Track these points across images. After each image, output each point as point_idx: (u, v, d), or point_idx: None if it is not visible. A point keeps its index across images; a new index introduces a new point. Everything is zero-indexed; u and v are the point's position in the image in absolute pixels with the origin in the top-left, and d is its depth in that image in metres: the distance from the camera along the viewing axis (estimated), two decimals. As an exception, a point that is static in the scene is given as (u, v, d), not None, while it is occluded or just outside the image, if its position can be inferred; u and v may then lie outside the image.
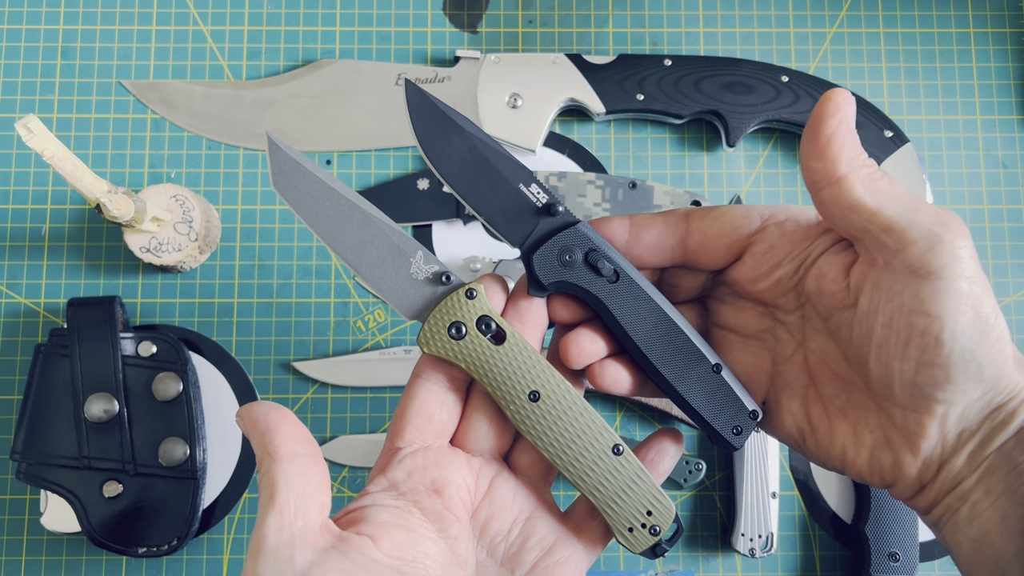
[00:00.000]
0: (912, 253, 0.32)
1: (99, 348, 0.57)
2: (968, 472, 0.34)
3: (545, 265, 0.37)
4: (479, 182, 0.37)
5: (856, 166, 0.33)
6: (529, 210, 0.37)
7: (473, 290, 0.37)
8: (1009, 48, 0.66)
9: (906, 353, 0.33)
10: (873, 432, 0.35)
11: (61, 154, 0.51)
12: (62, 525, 0.57)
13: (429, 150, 0.37)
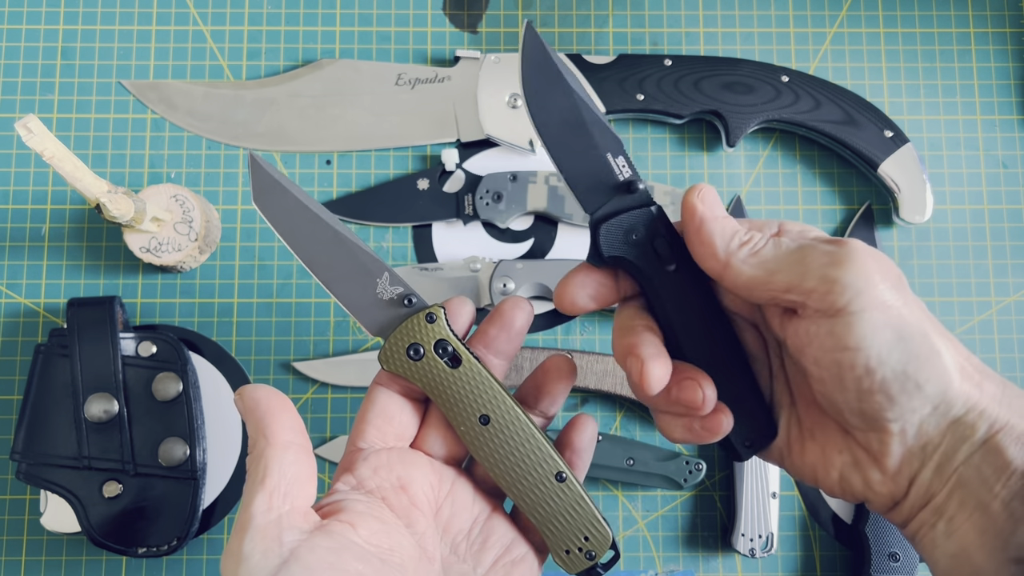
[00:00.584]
0: (814, 300, 0.33)
1: (99, 348, 0.57)
2: (939, 487, 0.35)
3: (611, 238, 0.37)
4: (570, 141, 0.37)
5: (733, 249, 0.35)
6: (610, 181, 0.37)
7: (433, 314, 0.38)
8: (1009, 48, 0.66)
9: (843, 386, 0.34)
10: (841, 453, 0.36)
11: (61, 154, 0.51)
12: (62, 525, 0.57)
13: (531, 98, 0.37)
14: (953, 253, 0.63)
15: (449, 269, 0.62)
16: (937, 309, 0.63)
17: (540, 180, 0.62)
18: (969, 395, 0.34)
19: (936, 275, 0.63)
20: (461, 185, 0.63)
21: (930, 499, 0.35)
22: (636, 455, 0.59)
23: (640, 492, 0.61)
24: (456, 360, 0.38)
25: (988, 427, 0.34)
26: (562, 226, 0.63)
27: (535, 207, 0.62)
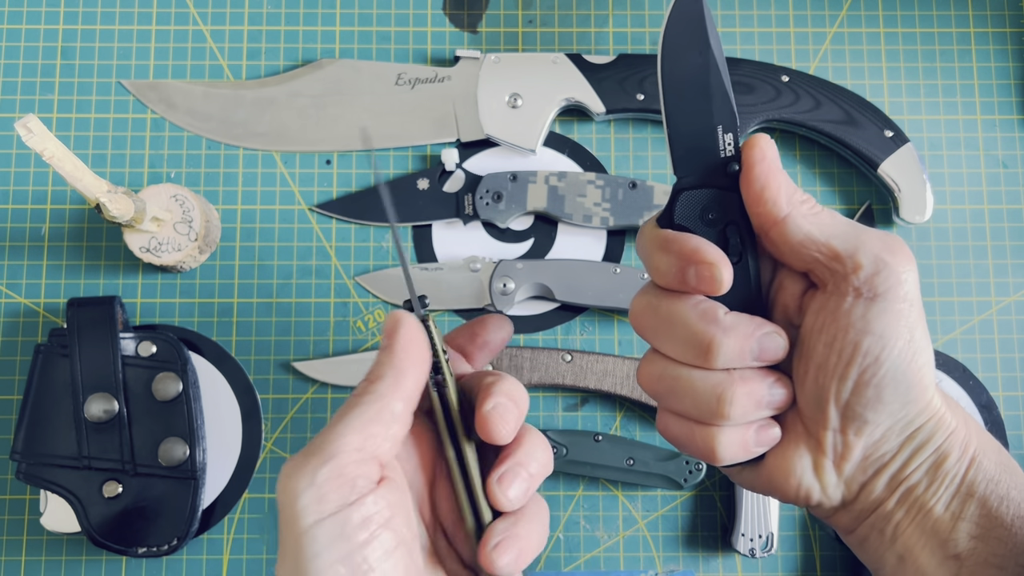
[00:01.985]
0: (861, 276, 0.34)
1: (99, 348, 0.57)
2: (887, 494, 0.36)
3: (687, 209, 0.36)
4: (688, 100, 0.36)
5: (796, 202, 0.35)
6: (710, 153, 0.36)
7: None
8: (1009, 48, 0.66)
9: (846, 372, 0.34)
10: (802, 456, 0.36)
11: (61, 154, 0.51)
12: (62, 525, 0.57)
13: (668, 44, 0.35)
14: (953, 253, 0.63)
15: (449, 269, 0.62)
16: (937, 309, 0.63)
17: (540, 180, 0.62)
18: (937, 408, 0.36)
19: (936, 275, 0.63)
20: (461, 185, 0.63)
21: (879, 505, 0.36)
22: (636, 455, 0.59)
23: (640, 492, 0.61)
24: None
25: (944, 438, 0.35)
26: (562, 226, 0.63)
27: (535, 207, 0.62)
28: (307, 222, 0.63)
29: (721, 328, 0.34)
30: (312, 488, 0.31)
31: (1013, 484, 0.35)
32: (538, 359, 0.60)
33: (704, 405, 0.35)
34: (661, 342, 0.36)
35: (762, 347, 0.35)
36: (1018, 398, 0.62)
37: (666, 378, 0.36)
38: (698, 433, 0.36)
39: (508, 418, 0.34)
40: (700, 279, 0.34)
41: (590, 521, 0.61)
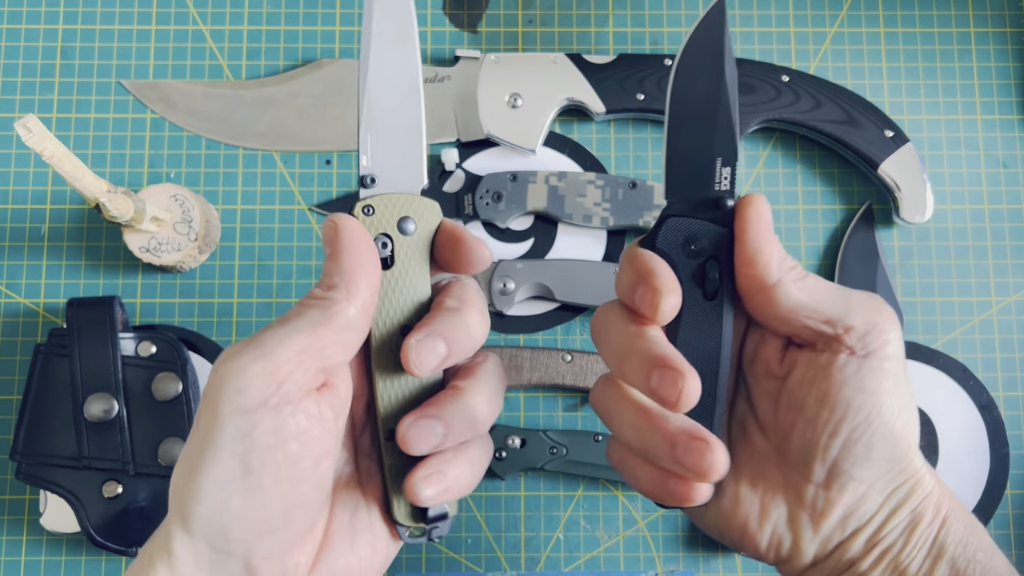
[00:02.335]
0: (853, 336, 0.34)
1: (98, 348, 0.57)
2: (863, 553, 0.36)
3: (671, 235, 0.35)
4: (692, 122, 0.35)
5: (785, 269, 0.34)
6: (705, 184, 0.36)
7: (371, 207, 0.35)
8: (1009, 48, 0.66)
9: (838, 428, 0.34)
10: (779, 507, 0.36)
11: (60, 154, 0.51)
12: (61, 525, 0.57)
13: (683, 66, 0.35)
14: (953, 253, 0.63)
15: (449, 269, 0.62)
16: (937, 309, 0.63)
17: (540, 180, 0.62)
18: (918, 467, 0.36)
19: (936, 275, 0.63)
20: (461, 185, 0.63)
21: (852, 564, 0.36)
22: (636, 455, 0.59)
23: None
24: (388, 262, 0.35)
25: (921, 499, 0.35)
26: (562, 226, 0.63)
27: (535, 207, 0.62)
28: (307, 222, 0.63)
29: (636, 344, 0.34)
30: (239, 379, 0.31)
31: (979, 546, 0.36)
32: (538, 359, 0.60)
33: (631, 433, 0.35)
34: (601, 351, 0.36)
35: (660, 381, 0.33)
36: (1018, 398, 0.62)
37: (606, 398, 0.36)
38: (628, 460, 0.36)
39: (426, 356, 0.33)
40: (643, 301, 0.34)
41: (590, 521, 0.61)
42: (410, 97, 0.36)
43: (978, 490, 0.60)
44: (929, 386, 0.61)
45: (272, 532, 0.32)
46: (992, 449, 0.61)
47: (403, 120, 0.36)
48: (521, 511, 0.61)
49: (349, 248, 0.33)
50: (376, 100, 0.36)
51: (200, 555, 0.32)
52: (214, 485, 0.31)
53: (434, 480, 0.33)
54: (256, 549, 0.32)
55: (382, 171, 0.36)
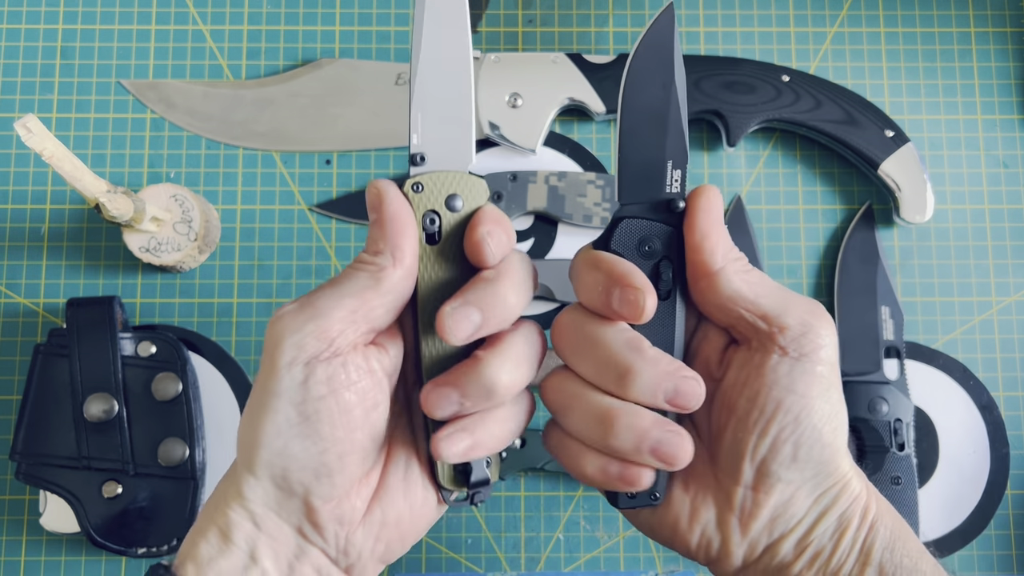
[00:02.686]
0: (787, 337, 0.34)
1: (98, 348, 0.57)
2: (794, 558, 0.36)
3: (625, 236, 0.36)
4: (644, 130, 0.36)
5: (730, 259, 0.35)
6: (656, 187, 0.36)
7: (420, 184, 0.36)
8: (1010, 48, 0.66)
9: (766, 429, 0.34)
10: (709, 508, 0.37)
11: (60, 154, 0.51)
12: (61, 525, 0.57)
13: (633, 71, 0.36)
14: (954, 253, 0.63)
15: (449, 269, 0.62)
16: (937, 309, 0.63)
17: (540, 180, 0.62)
18: (845, 471, 0.36)
19: (936, 275, 0.63)
20: (461, 185, 0.63)
21: (782, 569, 0.36)
22: (636, 455, 0.59)
23: (640, 492, 0.61)
24: (435, 238, 0.36)
25: (849, 504, 0.36)
26: (562, 226, 0.63)
27: (535, 207, 0.62)
28: (307, 222, 0.63)
29: (643, 358, 0.34)
30: (296, 335, 0.33)
31: (905, 552, 0.36)
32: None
33: (590, 424, 0.35)
34: (578, 360, 0.36)
35: (678, 389, 0.34)
36: (1018, 398, 0.62)
37: (564, 392, 0.36)
38: (572, 447, 0.36)
39: (460, 324, 0.34)
40: (623, 302, 0.34)
41: (590, 521, 0.61)
42: (460, 77, 0.36)
43: (978, 490, 0.60)
44: (929, 386, 0.61)
45: (329, 475, 0.34)
46: (992, 449, 0.61)
47: (453, 99, 0.37)
48: (521, 511, 0.61)
49: (392, 214, 0.35)
50: (427, 79, 0.36)
51: (267, 494, 0.35)
52: (275, 431, 0.34)
53: (456, 439, 0.35)
54: (314, 490, 0.34)
55: (432, 149, 0.37)
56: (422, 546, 0.60)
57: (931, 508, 0.60)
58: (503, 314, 0.35)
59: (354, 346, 0.35)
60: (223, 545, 0.35)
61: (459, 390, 0.34)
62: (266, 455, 0.34)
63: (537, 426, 0.61)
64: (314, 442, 0.34)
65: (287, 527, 0.35)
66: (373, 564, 0.37)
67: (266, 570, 0.35)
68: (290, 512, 0.35)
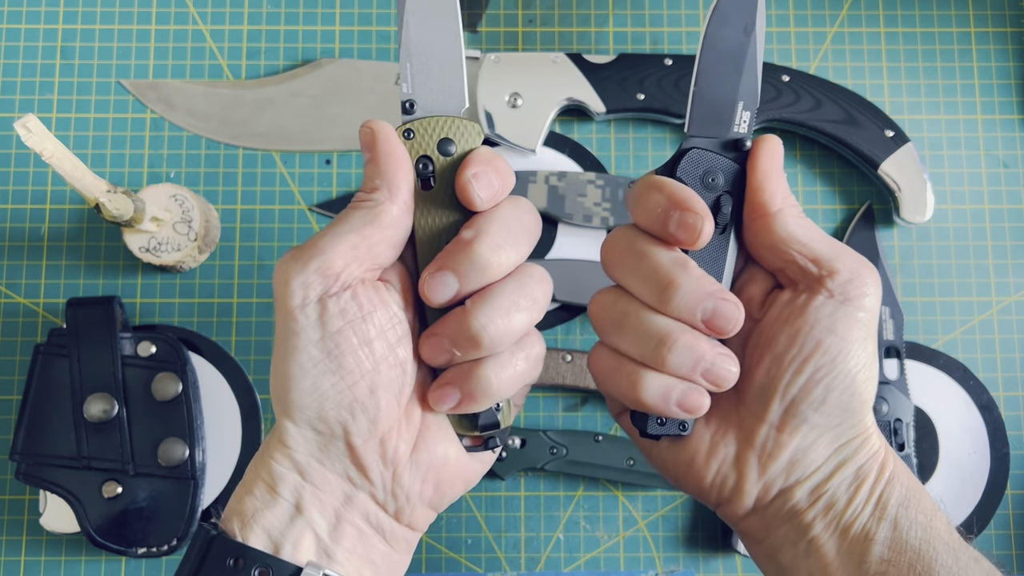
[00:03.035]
0: (836, 280, 0.35)
1: (98, 348, 0.57)
2: (807, 504, 0.36)
3: (691, 166, 0.37)
4: (719, 66, 0.37)
5: (789, 203, 0.36)
6: (725, 125, 0.38)
7: (411, 131, 0.36)
8: (1010, 47, 0.66)
9: (802, 367, 0.35)
10: (728, 446, 0.37)
11: (60, 153, 0.51)
12: (61, 525, 0.57)
13: (719, 12, 0.37)
14: (954, 253, 0.63)
15: (449, 269, 0.62)
16: (937, 309, 0.63)
17: (540, 180, 0.62)
18: (868, 424, 0.36)
19: (936, 275, 0.63)
20: (461, 185, 0.63)
21: (796, 515, 0.36)
22: (636, 455, 0.59)
23: (640, 492, 0.61)
24: (430, 183, 0.36)
25: (867, 458, 0.36)
26: (562, 226, 0.63)
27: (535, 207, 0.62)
28: (307, 222, 0.63)
29: (688, 274, 0.35)
30: (302, 275, 0.34)
31: (920, 509, 0.36)
32: (538, 359, 0.60)
33: (645, 343, 0.35)
34: (624, 273, 0.36)
35: (717, 310, 0.35)
36: (1018, 398, 0.62)
37: (616, 310, 0.36)
38: (627, 368, 0.36)
39: (439, 291, 0.35)
40: (681, 225, 0.35)
41: (590, 521, 0.61)
42: (448, 22, 0.37)
43: (978, 490, 0.60)
44: (929, 386, 0.61)
45: (364, 411, 0.35)
46: (992, 449, 0.61)
47: (442, 45, 0.37)
48: (521, 511, 0.61)
49: (385, 151, 0.35)
50: (414, 27, 0.36)
51: (308, 441, 0.35)
52: (301, 371, 0.34)
53: (444, 392, 0.36)
54: (352, 429, 0.35)
55: (422, 96, 0.37)
56: (422, 546, 0.60)
57: (931, 508, 0.60)
58: (481, 275, 0.35)
59: (361, 280, 0.35)
60: (268, 497, 0.35)
61: (449, 339, 0.35)
62: (297, 397, 0.34)
63: (536, 426, 0.61)
64: (341, 376, 0.34)
65: (332, 475, 0.35)
66: (422, 508, 0.37)
67: (312, 520, 0.35)
68: (333, 457, 0.35)
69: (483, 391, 0.35)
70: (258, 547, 0.34)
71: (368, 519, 0.36)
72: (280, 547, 0.34)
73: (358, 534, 0.36)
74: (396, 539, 0.37)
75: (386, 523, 0.37)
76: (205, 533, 0.35)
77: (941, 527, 0.36)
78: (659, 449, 0.39)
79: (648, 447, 0.39)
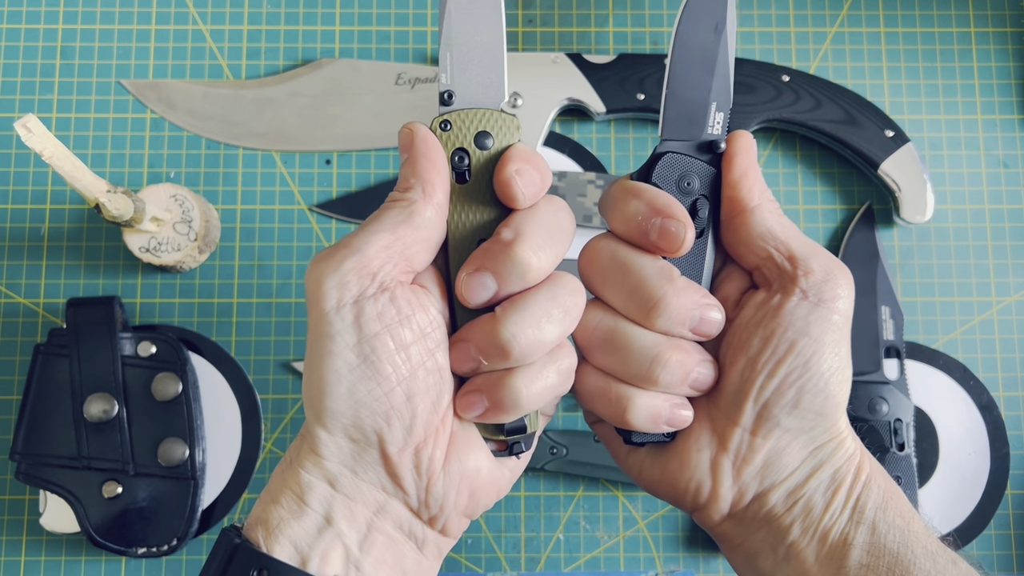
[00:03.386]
0: (810, 280, 0.35)
1: (98, 348, 0.57)
2: (784, 509, 0.36)
3: (666, 170, 0.37)
4: (691, 68, 0.37)
5: (766, 199, 0.36)
6: (698, 127, 0.37)
7: (448, 122, 0.35)
8: (1010, 47, 0.66)
9: (775, 369, 0.34)
10: (701, 451, 0.36)
11: (60, 153, 0.51)
12: (61, 525, 0.57)
13: (689, 10, 0.37)
14: (954, 253, 0.63)
15: (449, 269, 0.62)
16: (937, 309, 0.63)
17: (540, 180, 0.62)
18: (841, 428, 0.36)
19: (936, 275, 0.63)
20: (461, 185, 0.63)
21: (773, 520, 0.36)
22: (636, 455, 0.59)
23: (640, 492, 0.61)
24: (463, 177, 0.35)
25: (843, 461, 0.36)
26: (562, 226, 0.63)
27: (535, 207, 0.62)
28: (307, 222, 0.63)
29: (674, 288, 0.34)
30: (336, 275, 0.33)
31: (898, 512, 0.36)
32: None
33: (636, 363, 0.35)
34: (607, 289, 0.36)
35: (703, 318, 0.35)
36: (1018, 398, 0.62)
37: (602, 329, 0.36)
38: (615, 390, 0.35)
39: (476, 291, 0.34)
40: (663, 233, 0.34)
41: (590, 521, 0.61)
42: (491, 13, 0.36)
43: (978, 490, 0.60)
44: (929, 386, 0.61)
45: (400, 419, 0.33)
46: (992, 449, 0.61)
47: (483, 37, 0.36)
48: (521, 511, 0.61)
49: (422, 151, 0.34)
50: (456, 16, 0.36)
51: (342, 449, 0.34)
52: (336, 377, 0.33)
53: (469, 400, 0.35)
54: (388, 437, 0.33)
55: (461, 88, 0.36)
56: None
57: (931, 508, 0.60)
58: (521, 278, 0.34)
59: (399, 282, 0.34)
60: (296, 507, 0.34)
61: (476, 346, 0.34)
62: (332, 403, 0.33)
63: (537, 426, 0.61)
64: (378, 383, 0.33)
65: (365, 485, 0.34)
66: (457, 517, 0.36)
67: (341, 531, 0.34)
68: (367, 467, 0.34)
69: (512, 402, 0.34)
70: (283, 559, 0.33)
71: (401, 527, 0.35)
72: (307, 559, 0.33)
73: (389, 542, 0.35)
74: (428, 546, 0.36)
75: (419, 530, 0.36)
76: (228, 540, 0.34)
77: (919, 530, 0.36)
78: (634, 457, 0.38)
79: (624, 455, 0.39)
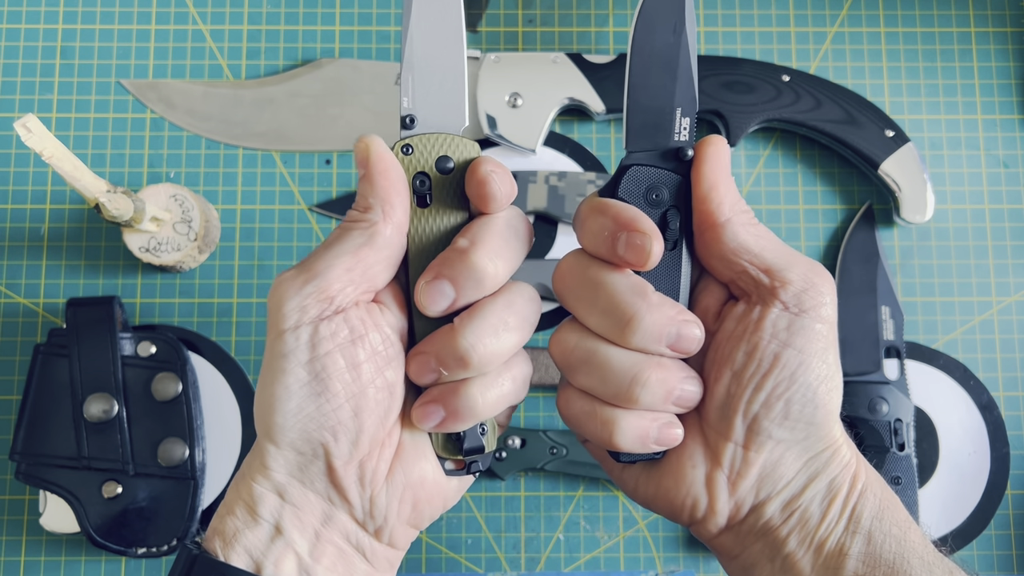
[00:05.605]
0: (789, 291, 0.34)
1: (98, 348, 0.57)
2: (780, 520, 0.36)
3: (632, 184, 0.36)
4: (652, 74, 0.36)
5: (738, 211, 0.35)
6: (664, 135, 0.36)
7: (410, 146, 0.36)
8: (1010, 47, 0.66)
9: (762, 383, 0.34)
10: (695, 467, 0.36)
11: (60, 153, 0.51)
12: (61, 525, 0.57)
13: (643, 16, 0.35)
14: (954, 253, 0.63)
15: (449, 269, 0.62)
16: (937, 309, 0.63)
17: (540, 180, 0.62)
18: (836, 436, 0.36)
19: (937, 275, 0.63)
20: (461, 185, 0.63)
21: (770, 531, 0.36)
22: (636, 455, 0.59)
23: (640, 492, 0.61)
24: (427, 200, 0.35)
25: (839, 470, 0.36)
26: (562, 226, 0.63)
27: (535, 207, 0.62)
28: (307, 222, 0.63)
29: (647, 304, 0.34)
30: (297, 298, 0.34)
31: (894, 521, 0.35)
32: (538, 359, 0.60)
33: (615, 384, 0.34)
34: (581, 307, 0.35)
35: (680, 334, 0.34)
36: (1018, 398, 0.62)
37: (580, 350, 0.35)
38: (600, 413, 0.35)
39: (435, 299, 0.34)
40: (629, 247, 0.34)
41: (590, 521, 0.61)
42: (452, 39, 0.36)
43: (978, 490, 0.60)
44: (929, 386, 0.61)
45: (347, 433, 0.34)
46: (992, 449, 0.61)
47: (445, 61, 0.36)
48: (521, 511, 0.61)
49: (380, 168, 0.34)
50: (418, 41, 0.36)
51: (289, 462, 0.35)
52: (287, 394, 0.34)
53: (427, 410, 0.35)
54: (333, 451, 0.34)
55: (422, 112, 0.36)
56: (422, 546, 0.60)
57: (931, 508, 0.60)
58: (478, 285, 0.34)
59: (356, 303, 0.34)
60: (249, 518, 0.35)
61: (436, 358, 0.34)
62: (280, 419, 0.34)
63: (536, 426, 0.61)
64: (327, 399, 0.34)
65: (312, 494, 0.35)
66: (402, 528, 0.37)
67: (292, 540, 0.35)
68: (313, 477, 0.35)
69: (468, 410, 0.35)
70: (240, 566, 0.34)
71: (348, 538, 0.36)
72: (262, 567, 0.34)
73: (338, 553, 0.36)
74: (377, 558, 0.37)
75: (366, 542, 0.36)
76: (188, 552, 0.35)
77: (915, 540, 0.35)
78: (629, 473, 0.38)
79: (619, 472, 0.39)
